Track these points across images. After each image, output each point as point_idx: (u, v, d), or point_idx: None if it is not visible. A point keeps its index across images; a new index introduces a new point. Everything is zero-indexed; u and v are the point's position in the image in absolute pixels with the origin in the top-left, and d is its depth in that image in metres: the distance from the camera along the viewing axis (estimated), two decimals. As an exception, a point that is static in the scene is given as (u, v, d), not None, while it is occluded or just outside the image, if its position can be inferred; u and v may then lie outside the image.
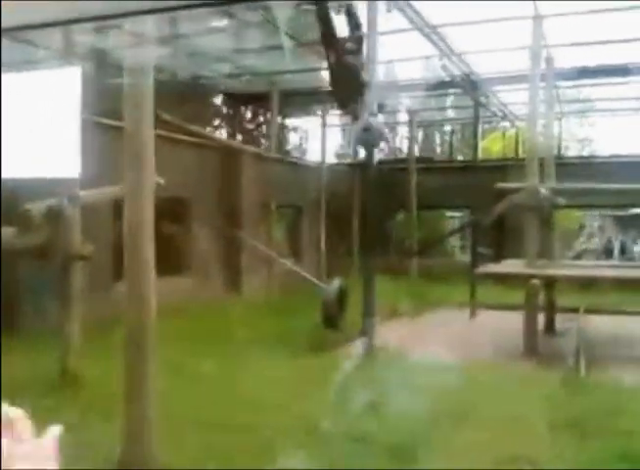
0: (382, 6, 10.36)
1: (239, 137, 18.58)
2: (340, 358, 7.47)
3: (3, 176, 2.51)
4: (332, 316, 9.59)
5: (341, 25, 8.41)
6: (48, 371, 7.00)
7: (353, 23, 8.28)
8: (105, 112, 9.57)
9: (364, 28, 9.87)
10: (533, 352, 9.01)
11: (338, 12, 8.88)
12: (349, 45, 8.14)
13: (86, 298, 7.70)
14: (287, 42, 11.00)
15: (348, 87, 7.63)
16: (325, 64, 8.27)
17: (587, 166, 17.41)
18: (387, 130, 7.64)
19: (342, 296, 9.87)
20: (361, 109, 7.47)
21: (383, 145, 8.05)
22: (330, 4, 9.76)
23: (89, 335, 7.50)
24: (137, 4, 2.34)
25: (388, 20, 11.60)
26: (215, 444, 5.18)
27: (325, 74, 10.68)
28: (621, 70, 14.11)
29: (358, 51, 8.11)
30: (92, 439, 5.18)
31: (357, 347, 8.30)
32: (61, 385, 6.73)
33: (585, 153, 27.16)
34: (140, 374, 4.73)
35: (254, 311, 11.29)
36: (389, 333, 9.89)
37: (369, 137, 7.41)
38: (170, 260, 11.89)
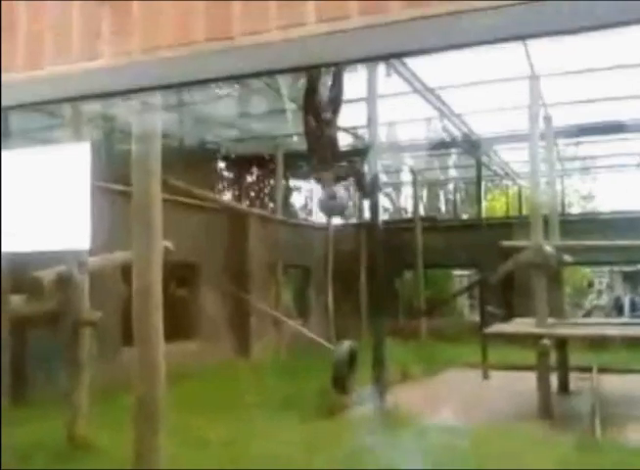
0: (381, 70, 10.62)
1: (245, 200, 18.75)
2: (350, 422, 7.35)
3: (16, 250, 2.53)
4: (341, 378, 9.43)
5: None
6: (57, 438, 6.91)
7: (335, 90, 8.43)
8: (113, 177, 9.72)
9: (354, 94, 10.09)
10: (548, 413, 8.84)
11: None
12: (326, 115, 8.28)
13: (95, 363, 7.65)
14: (289, 106, 11.23)
15: (323, 154, 7.74)
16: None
17: (591, 223, 17.47)
18: (349, 201, 7.66)
19: (351, 357, 9.73)
20: (329, 178, 7.57)
21: (345, 214, 8.11)
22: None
23: (98, 401, 7.43)
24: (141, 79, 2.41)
25: (388, 83, 11.88)
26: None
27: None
28: (619, 127, 14.30)
29: (334, 120, 8.24)
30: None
31: (368, 410, 8.16)
32: (69, 452, 6.63)
33: (588, 209, 27.27)
34: (149, 442, 4.68)
35: (263, 374, 11.17)
36: (401, 396, 9.73)
37: (334, 206, 7.52)
38: (179, 325, 11.86)
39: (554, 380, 10.23)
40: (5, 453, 5.38)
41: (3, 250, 2.23)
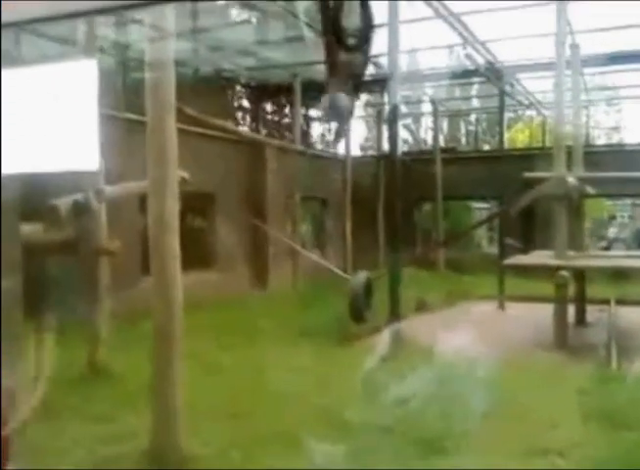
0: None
1: (262, 130, 18.56)
2: (366, 350, 7.43)
3: (23, 171, 2.49)
4: (358, 308, 9.50)
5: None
6: (77, 365, 7.07)
7: (365, 16, 8.16)
8: (129, 106, 9.62)
9: (380, 19, 9.73)
10: (564, 344, 8.88)
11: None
12: (352, 40, 8.03)
13: (115, 292, 7.75)
14: (307, 33, 10.94)
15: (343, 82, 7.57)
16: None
17: (616, 155, 17.15)
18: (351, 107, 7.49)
19: (368, 288, 9.78)
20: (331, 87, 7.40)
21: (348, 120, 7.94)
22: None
23: (118, 329, 7.57)
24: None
25: (410, 8, 11.50)
26: (240, 433, 5.19)
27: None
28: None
29: (360, 47, 8.00)
30: (121, 429, 5.25)
31: (384, 338, 8.24)
32: (89, 378, 6.80)
33: (614, 141, 26.73)
34: (167, 366, 4.75)
35: (281, 304, 11.32)
36: (417, 326, 9.83)
37: (337, 112, 7.39)
38: (197, 255, 11.95)
39: (571, 312, 10.25)
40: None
41: (5, 171, 2.18)
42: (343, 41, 7.85)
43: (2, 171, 2.13)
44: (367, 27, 7.58)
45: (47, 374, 4.12)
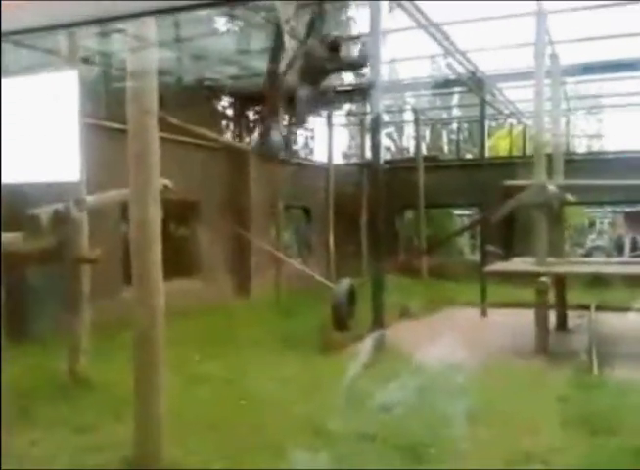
0: (385, 5, 10.33)
1: (246, 139, 18.55)
2: (349, 358, 7.44)
3: (5, 181, 2.49)
4: (341, 317, 9.54)
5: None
6: (58, 375, 7.03)
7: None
8: (112, 115, 9.59)
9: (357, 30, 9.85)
10: (545, 351, 8.94)
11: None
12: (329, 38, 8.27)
13: (97, 302, 7.71)
14: (289, 42, 10.95)
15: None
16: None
17: (596, 162, 17.32)
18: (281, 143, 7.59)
19: (351, 296, 9.82)
20: (272, 120, 7.56)
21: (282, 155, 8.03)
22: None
23: (100, 338, 7.52)
24: (136, 5, 2.32)
25: (392, 19, 11.60)
26: (224, 443, 5.16)
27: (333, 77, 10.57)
28: (628, 65, 14.00)
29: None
30: (103, 439, 5.22)
31: (367, 346, 8.25)
32: (70, 388, 6.74)
33: (595, 149, 27.01)
34: (148, 375, 4.73)
35: (264, 312, 11.30)
36: (400, 333, 9.86)
37: (267, 149, 7.56)
38: (180, 263, 11.92)
39: (552, 318, 10.33)
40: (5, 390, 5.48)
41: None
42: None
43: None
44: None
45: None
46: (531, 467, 4.81)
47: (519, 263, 11.37)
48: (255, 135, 8.25)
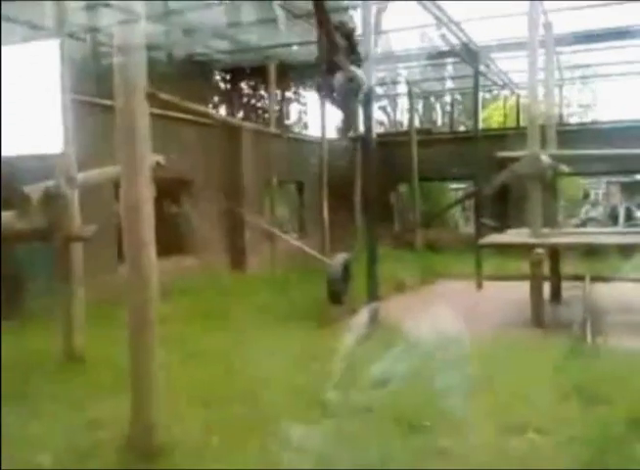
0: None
1: (240, 113, 18.44)
2: (344, 331, 7.46)
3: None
4: (336, 291, 9.56)
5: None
6: (54, 352, 7.05)
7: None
8: (101, 92, 9.49)
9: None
10: (540, 321, 8.99)
11: None
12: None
13: (92, 279, 7.71)
14: (281, 15, 10.87)
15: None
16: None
17: (590, 133, 17.27)
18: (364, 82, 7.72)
19: (346, 270, 9.84)
20: (343, 62, 7.53)
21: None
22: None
23: (95, 315, 7.54)
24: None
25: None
26: (219, 418, 5.18)
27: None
28: (623, 34, 13.90)
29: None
30: (98, 416, 5.23)
31: (361, 318, 8.27)
32: (66, 365, 6.77)
33: (589, 119, 26.92)
34: (143, 352, 4.73)
35: (259, 288, 11.32)
36: (396, 305, 9.91)
37: (353, 86, 7.57)
38: (174, 240, 11.91)
39: (547, 289, 10.37)
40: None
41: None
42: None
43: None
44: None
45: None
46: (527, 435, 4.83)
47: (513, 235, 11.39)
48: (338, 77, 8.19)
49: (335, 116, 14.72)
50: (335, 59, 7.73)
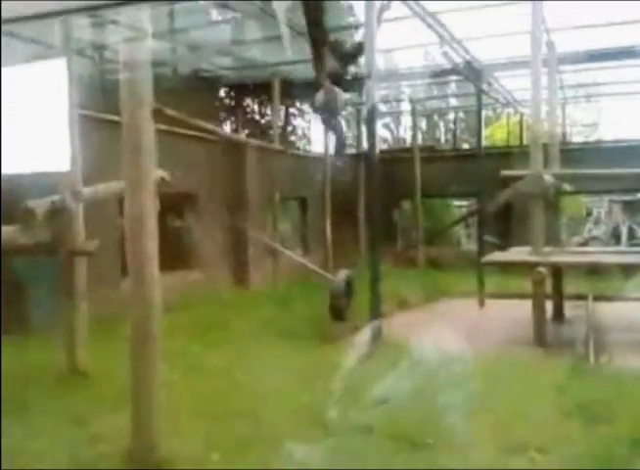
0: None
1: (244, 130, 18.53)
2: (346, 349, 7.46)
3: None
4: (339, 307, 9.57)
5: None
6: (57, 366, 7.06)
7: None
8: (108, 108, 9.56)
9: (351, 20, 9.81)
10: (543, 341, 8.96)
11: None
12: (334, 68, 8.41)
13: (95, 293, 7.72)
14: (285, 32, 10.92)
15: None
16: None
17: (594, 152, 17.30)
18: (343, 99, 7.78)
19: (348, 286, 9.86)
20: (323, 81, 7.61)
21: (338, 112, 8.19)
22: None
23: (98, 330, 7.54)
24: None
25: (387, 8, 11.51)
26: (221, 434, 5.18)
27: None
28: (626, 53, 13.95)
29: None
30: (101, 430, 5.23)
31: (364, 336, 8.26)
32: (69, 379, 6.77)
33: (593, 138, 26.97)
34: (145, 367, 4.74)
35: (261, 304, 11.32)
36: (398, 322, 9.89)
37: (332, 104, 7.62)
38: (178, 255, 11.93)
39: (549, 308, 10.36)
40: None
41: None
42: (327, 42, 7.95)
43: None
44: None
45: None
46: (528, 455, 4.82)
47: (516, 253, 11.39)
48: (318, 93, 8.21)
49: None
50: (317, 77, 7.82)
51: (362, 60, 10.31)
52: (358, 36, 12.89)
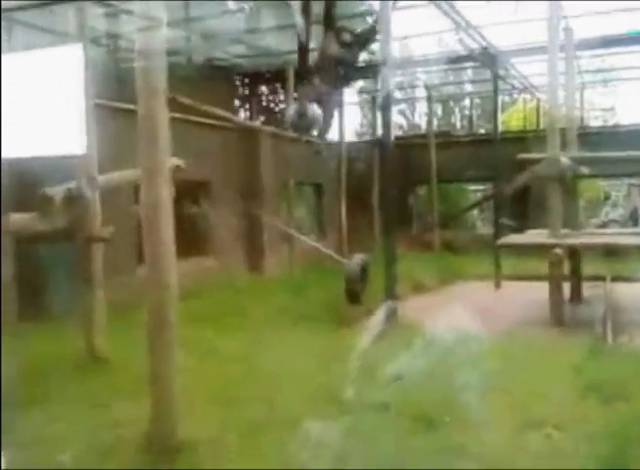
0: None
1: (259, 117, 18.55)
2: (363, 331, 7.49)
3: (10, 155, 2.53)
4: (354, 291, 9.61)
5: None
6: (76, 352, 7.14)
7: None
8: (124, 96, 9.63)
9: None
10: (560, 321, 8.96)
11: None
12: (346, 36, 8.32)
13: (112, 280, 7.80)
14: (299, 21, 10.89)
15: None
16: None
17: (612, 136, 17.15)
18: (319, 118, 7.68)
19: (364, 271, 9.90)
20: (303, 95, 7.62)
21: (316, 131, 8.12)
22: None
23: (117, 315, 7.62)
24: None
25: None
26: (238, 417, 5.22)
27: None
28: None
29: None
30: (119, 415, 5.30)
31: (378, 317, 8.29)
32: (88, 365, 6.85)
33: (611, 123, 26.70)
34: (162, 352, 4.78)
35: (277, 289, 11.37)
36: (414, 305, 9.93)
37: (302, 124, 7.62)
38: (195, 242, 12.01)
39: (567, 289, 10.33)
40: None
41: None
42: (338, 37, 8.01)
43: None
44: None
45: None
46: (545, 432, 4.83)
47: (532, 235, 11.38)
48: (290, 109, 8.24)
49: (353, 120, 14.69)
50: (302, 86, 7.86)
51: (377, 47, 10.30)
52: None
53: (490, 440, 4.67)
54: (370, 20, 12.21)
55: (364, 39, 9.33)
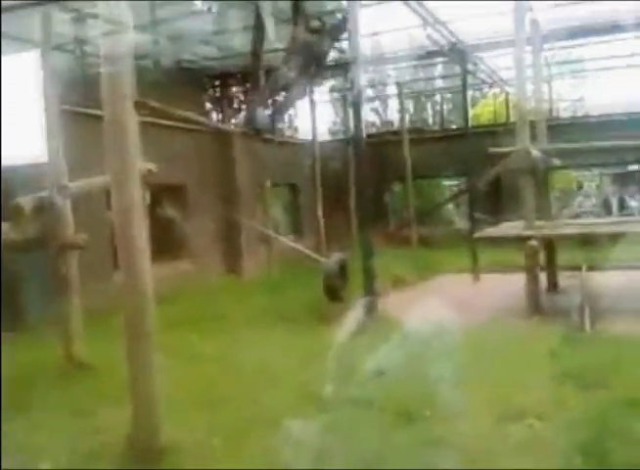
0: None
1: (231, 119, 18.47)
2: (340, 327, 7.50)
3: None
4: (334, 288, 9.64)
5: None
6: (55, 360, 7.09)
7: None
8: (89, 102, 9.53)
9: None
10: (537, 311, 9.04)
11: None
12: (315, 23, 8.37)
13: (88, 286, 7.73)
14: (268, 21, 10.88)
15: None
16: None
17: (581, 126, 17.37)
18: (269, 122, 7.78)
19: (343, 268, 9.93)
20: (261, 97, 7.77)
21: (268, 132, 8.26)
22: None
23: (94, 322, 7.56)
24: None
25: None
26: (220, 419, 5.20)
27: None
28: (609, 28, 13.94)
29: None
30: (100, 421, 5.26)
31: (356, 312, 8.31)
32: (68, 373, 6.79)
33: (580, 113, 27.00)
34: (141, 358, 4.74)
35: (257, 290, 11.35)
36: (393, 300, 9.95)
37: (254, 126, 7.79)
38: (169, 246, 11.94)
39: (544, 279, 10.43)
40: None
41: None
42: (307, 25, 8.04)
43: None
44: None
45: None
46: (526, 422, 4.86)
47: (507, 228, 11.48)
48: (243, 113, 8.35)
49: (325, 119, 14.72)
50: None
51: (347, 45, 10.32)
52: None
53: (472, 431, 4.69)
54: (339, 16, 12.25)
55: (334, 27, 9.33)
